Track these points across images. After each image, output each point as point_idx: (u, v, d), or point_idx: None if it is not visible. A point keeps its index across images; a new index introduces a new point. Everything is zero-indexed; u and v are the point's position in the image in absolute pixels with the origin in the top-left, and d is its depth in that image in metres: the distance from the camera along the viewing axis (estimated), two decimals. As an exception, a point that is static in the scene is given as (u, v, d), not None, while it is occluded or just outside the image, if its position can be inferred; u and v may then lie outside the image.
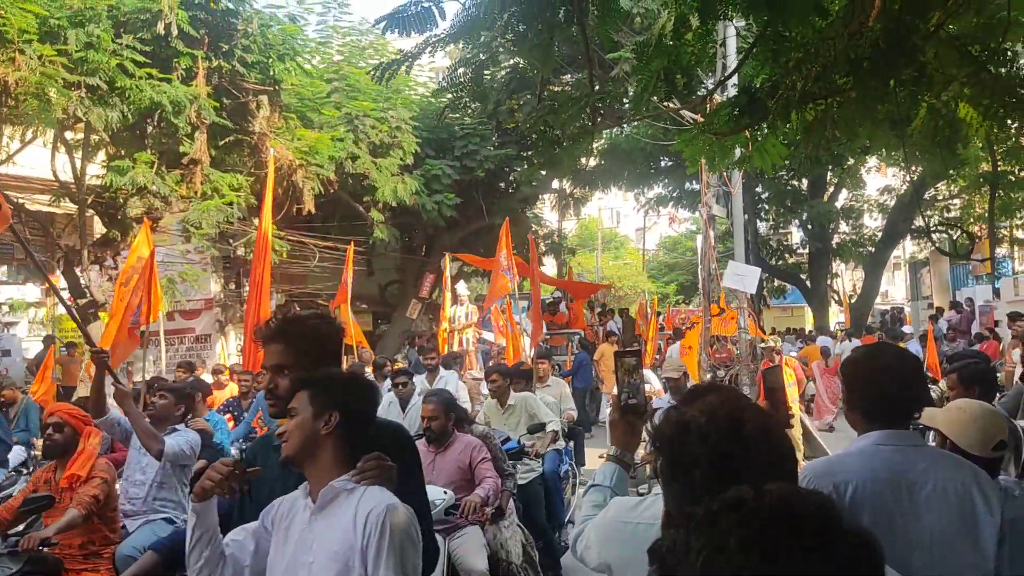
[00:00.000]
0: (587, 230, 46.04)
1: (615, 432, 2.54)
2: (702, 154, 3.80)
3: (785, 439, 1.56)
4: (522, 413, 7.32)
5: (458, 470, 5.31)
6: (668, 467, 1.54)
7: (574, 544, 2.47)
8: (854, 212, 28.94)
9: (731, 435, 1.48)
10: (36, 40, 9.93)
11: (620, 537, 2.23)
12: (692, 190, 24.29)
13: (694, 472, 1.46)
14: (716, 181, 13.80)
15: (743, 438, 1.48)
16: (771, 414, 1.68)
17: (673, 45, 3.36)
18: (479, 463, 5.32)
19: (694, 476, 1.46)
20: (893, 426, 2.47)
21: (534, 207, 23.48)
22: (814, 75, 3.13)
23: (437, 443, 5.36)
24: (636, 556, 2.20)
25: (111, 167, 11.50)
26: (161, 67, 11.25)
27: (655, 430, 1.61)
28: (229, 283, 16.56)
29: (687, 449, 1.49)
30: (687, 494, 1.47)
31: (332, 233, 16.32)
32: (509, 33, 3.93)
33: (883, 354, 2.65)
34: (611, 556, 2.27)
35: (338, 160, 14.44)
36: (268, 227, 9.11)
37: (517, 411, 7.36)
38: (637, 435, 2.59)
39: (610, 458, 2.56)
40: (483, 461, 5.34)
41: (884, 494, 2.36)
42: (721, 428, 1.49)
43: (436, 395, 5.59)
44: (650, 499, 2.27)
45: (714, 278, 13.54)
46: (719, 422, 1.50)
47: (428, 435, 5.31)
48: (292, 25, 13.77)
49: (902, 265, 40.67)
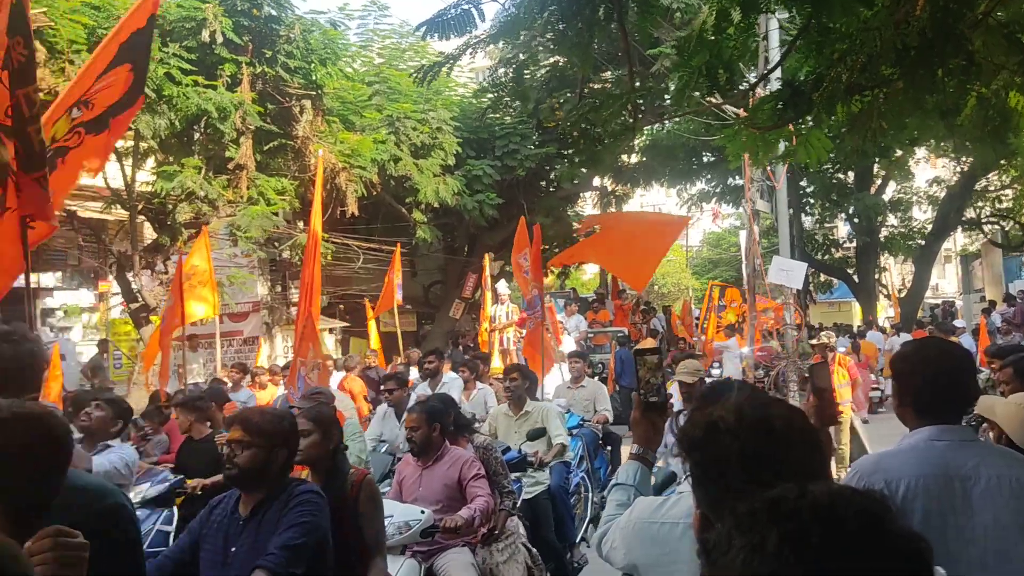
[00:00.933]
0: (629, 227, 45.76)
1: (637, 430, 2.55)
2: (745, 149, 3.76)
3: (814, 434, 1.56)
4: (537, 421, 6.62)
5: (445, 487, 4.78)
6: (699, 469, 1.53)
7: (599, 545, 2.48)
8: (903, 204, 28.37)
9: (760, 432, 1.48)
10: (85, 50, 10.16)
11: (645, 538, 2.24)
12: (735, 185, 24.03)
13: (726, 472, 1.46)
14: (760, 176, 13.65)
15: (772, 435, 1.48)
16: (799, 409, 1.66)
17: (715, 40, 3.34)
18: (470, 480, 4.77)
19: (726, 476, 1.46)
20: (944, 421, 2.43)
21: (575, 205, 23.44)
22: (860, 66, 3.08)
23: (423, 455, 4.88)
24: (662, 556, 2.21)
25: (160, 173, 11.75)
26: (206, 74, 11.45)
27: (682, 432, 1.61)
28: (275, 286, 16.81)
29: (717, 449, 1.49)
30: (720, 495, 1.46)
31: (375, 235, 16.48)
32: (549, 32, 3.94)
33: (933, 348, 2.62)
34: (637, 557, 2.28)
35: (380, 162, 14.57)
36: (318, 228, 9.24)
37: (531, 421, 6.63)
38: (659, 433, 2.60)
39: (633, 456, 2.57)
40: (476, 478, 4.80)
41: (937, 490, 2.33)
42: (750, 426, 1.49)
43: (419, 404, 5.17)
44: (673, 499, 2.27)
45: (759, 274, 13.41)
46: (747, 420, 1.50)
47: (411, 448, 4.89)
48: (333, 30, 13.93)
49: (953, 258, 39.82)
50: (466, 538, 4.76)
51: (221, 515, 3.16)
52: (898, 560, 0.93)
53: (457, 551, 4.67)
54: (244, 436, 3.13)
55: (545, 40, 4.68)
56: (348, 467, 3.82)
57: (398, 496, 4.85)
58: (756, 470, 1.42)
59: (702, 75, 3.38)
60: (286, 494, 3.09)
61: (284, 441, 3.17)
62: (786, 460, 1.45)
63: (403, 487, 4.91)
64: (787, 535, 0.93)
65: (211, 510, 3.24)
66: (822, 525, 0.93)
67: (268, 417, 3.24)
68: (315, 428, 3.66)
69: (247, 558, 2.94)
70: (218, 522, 3.15)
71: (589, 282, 35.28)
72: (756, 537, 0.95)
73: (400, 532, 4.34)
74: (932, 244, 25.58)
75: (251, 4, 12.10)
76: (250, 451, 3.08)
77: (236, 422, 3.26)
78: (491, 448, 5.37)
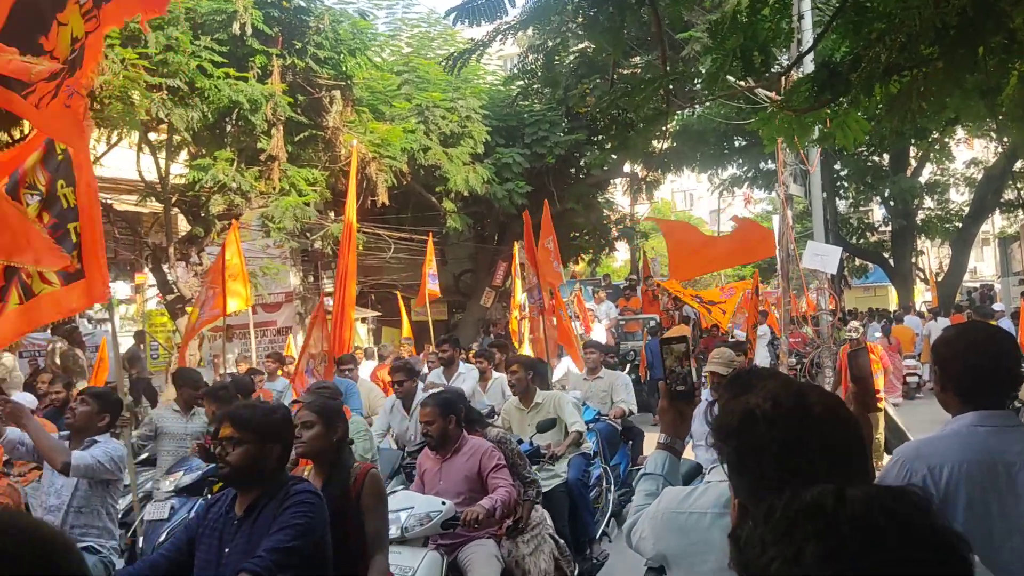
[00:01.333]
0: (660, 213, 45.53)
1: (665, 419, 2.54)
2: (780, 133, 3.71)
3: (854, 421, 1.54)
4: (549, 412, 6.43)
5: (465, 479, 4.73)
6: (736, 457, 1.52)
7: (628, 535, 2.48)
8: (939, 187, 27.91)
9: (798, 419, 1.46)
10: (118, 44, 10.27)
11: (674, 528, 2.23)
12: (767, 170, 23.76)
13: (763, 460, 1.44)
14: (793, 160, 13.48)
15: (810, 422, 1.46)
16: (836, 396, 1.64)
17: (749, 22, 3.29)
18: (491, 471, 4.71)
19: (763, 464, 1.44)
20: (988, 406, 2.39)
21: (606, 191, 23.33)
22: (899, 46, 3.02)
23: (440, 449, 4.81)
24: (690, 546, 2.21)
25: (193, 166, 11.87)
26: (238, 66, 11.54)
27: (717, 421, 1.60)
28: (308, 276, 16.94)
29: (755, 437, 1.46)
30: (758, 483, 1.45)
31: (406, 224, 16.53)
32: (579, 17, 3.91)
33: (976, 332, 2.57)
34: (666, 547, 2.28)
35: (410, 152, 14.61)
36: (352, 216, 9.28)
37: (543, 412, 6.45)
38: (687, 422, 2.59)
39: (660, 446, 2.56)
40: (496, 468, 4.72)
41: (980, 477, 2.29)
42: (787, 413, 1.47)
43: (433, 397, 5.05)
44: (701, 488, 2.26)
45: (793, 259, 13.25)
46: (785, 407, 1.48)
47: (428, 442, 4.82)
48: (362, 20, 13.97)
49: (991, 240, 39.10)
50: (490, 530, 4.71)
51: (216, 514, 3.07)
52: (942, 569, 0.92)
53: (480, 543, 4.61)
54: (234, 432, 3.01)
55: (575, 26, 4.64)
56: (352, 461, 3.74)
57: (421, 489, 4.82)
58: (793, 459, 1.40)
59: (736, 58, 3.33)
60: (283, 493, 2.98)
61: (277, 436, 3.07)
62: (824, 448, 1.43)
63: (424, 480, 4.88)
64: (824, 553, 0.92)
65: (208, 508, 3.16)
66: (859, 540, 0.92)
67: (259, 411, 3.15)
68: (318, 420, 3.59)
69: (241, 559, 2.84)
70: (213, 521, 3.05)
71: (620, 269, 35.15)
72: (792, 549, 0.94)
73: (421, 524, 4.31)
74: (969, 227, 25.14)
75: (280, -5, 12.19)
76: (242, 448, 2.98)
77: (226, 418, 3.13)
78: (506, 440, 5.25)
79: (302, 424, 3.56)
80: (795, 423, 1.45)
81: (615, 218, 24.14)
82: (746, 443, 1.48)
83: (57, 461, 4.40)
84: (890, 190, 24.31)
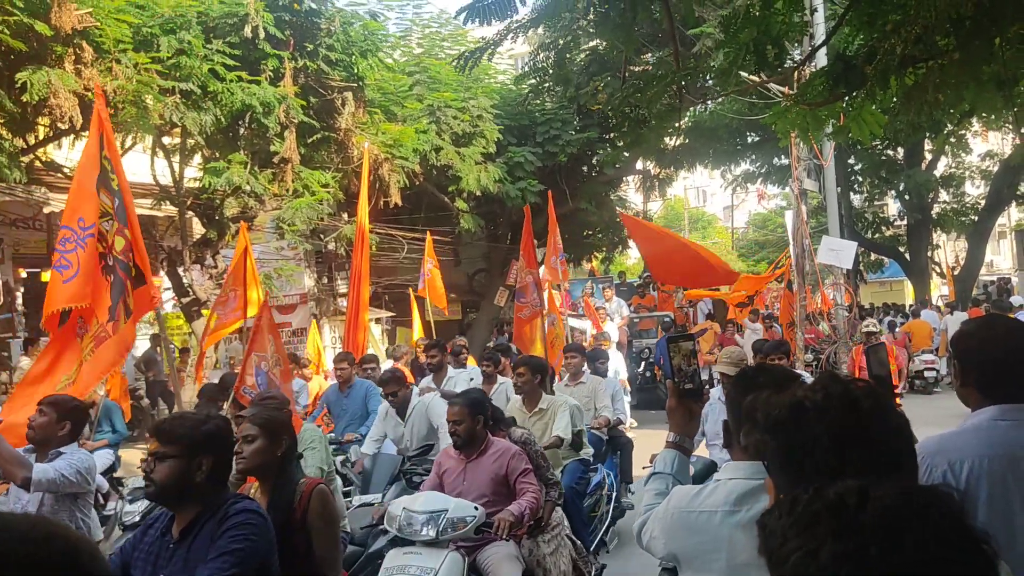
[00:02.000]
0: (673, 210, 45.44)
1: (674, 418, 2.53)
2: (795, 127, 3.69)
3: (900, 415, 1.52)
4: (551, 420, 6.28)
5: (491, 481, 4.69)
6: (783, 452, 1.49)
7: (639, 535, 2.47)
8: (955, 180, 27.70)
9: (849, 411, 1.44)
10: (131, 49, 10.32)
11: (684, 527, 2.23)
12: (781, 165, 23.66)
13: (814, 453, 1.41)
14: (807, 154, 13.42)
15: (860, 414, 1.44)
16: (879, 389, 1.62)
17: (762, 15, 3.27)
18: (520, 475, 4.66)
19: (815, 457, 1.41)
20: (1009, 400, 2.37)
21: (618, 189, 23.29)
22: (914, 38, 2.99)
23: (467, 449, 4.75)
24: (701, 545, 2.20)
25: (207, 169, 11.91)
26: (250, 69, 11.57)
27: (765, 416, 1.57)
28: (322, 277, 16.99)
29: (805, 431, 1.44)
30: (805, 478, 1.41)
31: (419, 224, 16.55)
32: (591, 14, 3.90)
33: (996, 326, 2.55)
34: (677, 547, 2.28)
35: (422, 152, 14.63)
36: (364, 219, 9.27)
37: (547, 417, 6.29)
38: (696, 421, 2.58)
39: (670, 444, 2.55)
40: (524, 473, 4.68)
41: (1002, 472, 2.28)
42: (839, 405, 1.45)
43: (463, 396, 4.97)
44: (711, 486, 2.26)
45: (808, 254, 13.20)
46: (836, 398, 1.46)
47: (455, 441, 4.75)
48: (373, 22, 13.98)
49: (1008, 233, 38.82)
50: (512, 532, 4.60)
51: (153, 537, 2.83)
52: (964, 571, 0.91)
53: (501, 544, 4.55)
54: (160, 447, 2.76)
55: (587, 23, 4.61)
56: (299, 476, 3.53)
57: (439, 489, 4.75)
58: (846, 451, 1.38)
59: (749, 52, 3.32)
60: (222, 513, 2.74)
61: (208, 448, 2.81)
62: (875, 441, 1.41)
63: (445, 480, 4.81)
64: (842, 552, 0.93)
65: (145, 530, 2.91)
66: (879, 541, 0.92)
67: (188, 423, 2.88)
68: (261, 433, 3.37)
69: None
70: (149, 545, 2.82)
71: (634, 267, 35.09)
72: (812, 544, 0.95)
73: (455, 528, 4.28)
74: (986, 220, 24.97)
75: (292, -2, 12.21)
76: (167, 463, 2.75)
77: (152, 432, 2.89)
78: (530, 441, 5.23)
79: (243, 438, 3.37)
80: (847, 415, 1.43)
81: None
82: (796, 437, 1.45)
83: (17, 476, 4.16)
84: (905, 184, 24.15)
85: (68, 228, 5.00)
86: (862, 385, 1.53)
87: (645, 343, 16.89)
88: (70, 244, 4.93)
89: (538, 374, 6.37)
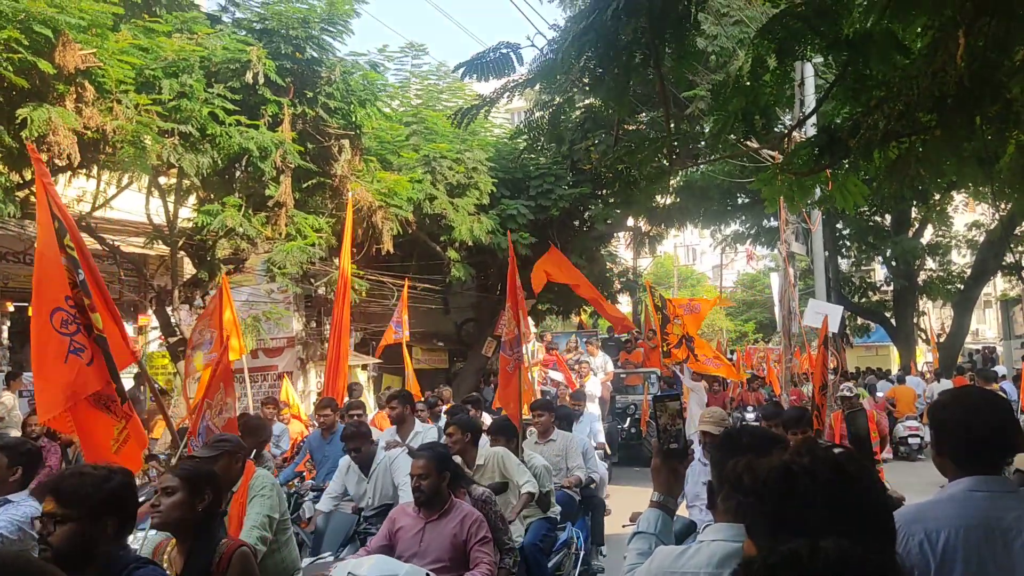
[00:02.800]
0: (663, 267, 45.71)
1: (658, 478, 2.54)
2: (781, 194, 3.77)
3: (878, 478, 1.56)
4: (494, 474, 6.02)
5: (451, 546, 4.38)
6: (773, 516, 1.48)
7: None
8: (941, 248, 28.06)
9: (837, 476, 1.46)
10: (133, 90, 10.44)
11: None
12: (770, 227, 23.93)
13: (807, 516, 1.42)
14: (795, 218, 13.61)
15: (847, 478, 1.46)
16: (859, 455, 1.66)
17: (751, 86, 3.37)
18: (477, 543, 4.39)
19: (807, 520, 1.41)
20: (985, 471, 2.40)
21: (609, 244, 23.47)
22: (897, 113, 3.09)
23: (428, 507, 4.44)
24: None
25: (201, 211, 11.95)
26: (249, 114, 11.70)
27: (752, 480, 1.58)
28: (310, 321, 16.97)
29: (797, 494, 1.45)
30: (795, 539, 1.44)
31: (410, 272, 16.61)
32: (586, 76, 4.00)
33: (973, 397, 2.59)
34: None
35: (416, 201, 14.74)
36: (347, 267, 9.31)
37: (488, 473, 6.04)
38: (680, 480, 2.59)
39: (654, 504, 2.55)
40: (482, 542, 4.41)
41: (977, 542, 2.30)
42: (826, 469, 1.47)
43: (429, 448, 4.70)
44: (695, 547, 2.26)
45: (794, 316, 13.29)
46: (822, 463, 1.48)
47: (418, 497, 4.44)
48: (373, 72, 14.20)
49: (993, 302, 39.14)
50: None
51: None
52: None
53: None
54: (58, 508, 2.49)
55: (582, 85, 4.71)
56: (222, 535, 3.29)
57: (388, 545, 4.48)
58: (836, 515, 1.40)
59: (738, 120, 3.41)
60: None
61: (112, 508, 2.57)
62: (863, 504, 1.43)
63: (399, 539, 4.51)
64: None
65: None
66: None
67: (89, 480, 2.59)
68: (181, 485, 3.15)
69: None
70: None
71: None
72: None
73: None
74: (971, 289, 25.22)
75: (294, 47, 12.39)
76: (67, 527, 2.49)
77: (47, 491, 2.61)
78: (490, 501, 4.99)
79: (163, 490, 3.16)
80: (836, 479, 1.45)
81: (618, 271, 24.24)
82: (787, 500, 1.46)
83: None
84: (892, 250, 24.44)
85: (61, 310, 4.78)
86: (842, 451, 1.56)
87: (631, 399, 16.83)
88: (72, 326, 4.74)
89: (467, 431, 6.12)
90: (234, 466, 4.65)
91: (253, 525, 4.54)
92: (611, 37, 3.58)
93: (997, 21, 2.76)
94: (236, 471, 4.68)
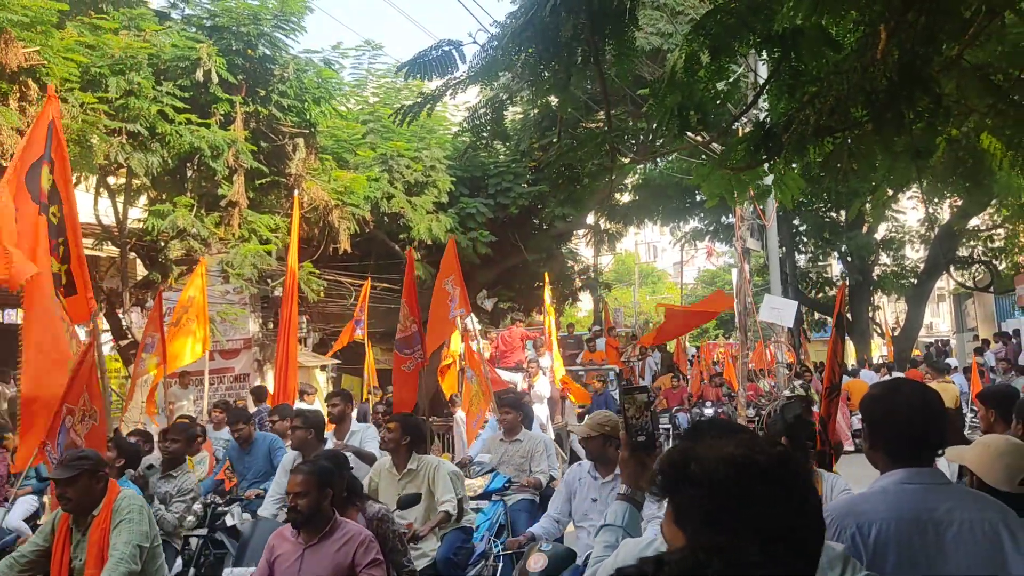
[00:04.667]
0: (624, 265, 45.97)
1: (626, 471, 2.52)
2: (720, 189, 3.79)
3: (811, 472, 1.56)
4: (423, 484, 5.60)
5: (333, 574, 3.94)
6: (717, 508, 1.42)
7: None
8: (895, 243, 28.55)
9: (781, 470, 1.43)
10: (78, 88, 10.25)
11: None
12: (729, 223, 24.16)
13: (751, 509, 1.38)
14: (751, 214, 13.74)
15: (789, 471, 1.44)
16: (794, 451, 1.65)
17: (686, 82, 3.37)
18: (365, 567, 3.95)
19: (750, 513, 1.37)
20: (916, 464, 2.41)
21: (569, 242, 23.52)
22: (828, 108, 3.11)
23: (308, 529, 3.99)
24: None
25: (152, 211, 11.78)
26: (200, 113, 11.54)
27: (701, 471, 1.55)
28: (267, 323, 16.79)
29: (744, 486, 1.40)
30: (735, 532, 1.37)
31: (369, 272, 16.48)
32: (527, 74, 3.99)
33: (902, 390, 2.59)
34: None
35: (373, 200, 14.64)
36: (295, 265, 9.22)
37: (417, 480, 5.63)
38: (648, 473, 2.57)
39: (621, 497, 2.54)
40: (372, 565, 3.97)
41: (909, 535, 2.30)
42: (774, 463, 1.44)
43: (310, 464, 4.19)
44: (660, 539, 2.24)
45: (750, 312, 13.43)
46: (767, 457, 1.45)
47: (293, 518, 3.99)
48: (327, 69, 14.07)
49: (946, 296, 39.92)
50: None
51: None
52: None
53: None
54: None
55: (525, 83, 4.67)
56: None
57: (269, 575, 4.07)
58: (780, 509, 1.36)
59: (673, 115, 3.42)
60: None
61: None
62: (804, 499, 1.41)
63: (276, 569, 4.04)
64: None
65: None
66: None
67: None
68: None
69: None
70: None
71: (584, 319, 35.27)
72: None
73: None
74: (924, 283, 25.69)
75: (245, 44, 12.23)
76: None
77: None
78: (387, 519, 4.53)
79: None
80: (781, 473, 1.42)
81: (578, 269, 24.30)
82: (734, 492, 1.41)
83: None
84: (847, 246, 24.80)
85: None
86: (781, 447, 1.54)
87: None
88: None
89: (408, 434, 5.76)
90: (95, 487, 4.31)
91: (120, 558, 4.14)
92: (550, 33, 3.57)
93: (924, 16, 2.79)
94: (97, 492, 4.32)
